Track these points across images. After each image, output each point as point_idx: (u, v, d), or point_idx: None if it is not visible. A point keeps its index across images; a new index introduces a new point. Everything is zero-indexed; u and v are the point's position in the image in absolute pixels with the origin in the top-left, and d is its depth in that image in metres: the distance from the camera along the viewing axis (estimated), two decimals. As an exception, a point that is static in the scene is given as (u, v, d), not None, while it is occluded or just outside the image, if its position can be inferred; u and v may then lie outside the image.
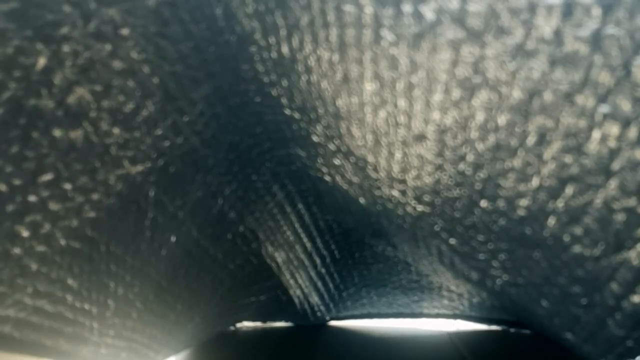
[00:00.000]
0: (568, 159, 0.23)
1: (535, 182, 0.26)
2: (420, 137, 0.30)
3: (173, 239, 0.40)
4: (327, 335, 0.73)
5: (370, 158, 0.36)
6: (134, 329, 0.43)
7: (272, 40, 0.31)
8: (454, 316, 0.70)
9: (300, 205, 0.53)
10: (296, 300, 0.68)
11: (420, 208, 0.38)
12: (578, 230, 0.26)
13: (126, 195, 0.32)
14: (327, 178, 0.45)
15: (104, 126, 0.28)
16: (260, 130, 0.41)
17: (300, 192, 0.51)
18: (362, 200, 0.45)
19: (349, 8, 0.24)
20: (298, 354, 0.67)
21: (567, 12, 0.19)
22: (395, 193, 0.38)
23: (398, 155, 0.33)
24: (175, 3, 0.27)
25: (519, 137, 0.24)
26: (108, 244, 0.33)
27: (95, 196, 0.30)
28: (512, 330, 0.67)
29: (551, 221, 0.27)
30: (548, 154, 0.24)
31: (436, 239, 0.41)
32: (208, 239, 0.45)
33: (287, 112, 0.38)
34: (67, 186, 0.28)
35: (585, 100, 0.21)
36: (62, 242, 0.30)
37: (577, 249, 0.27)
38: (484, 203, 0.31)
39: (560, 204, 0.26)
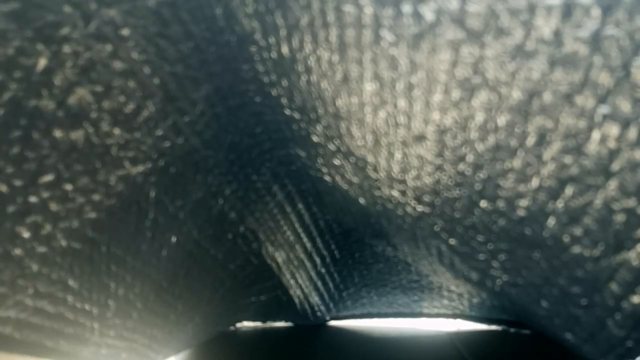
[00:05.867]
0: (568, 159, 0.23)
1: (535, 182, 0.26)
2: (420, 138, 0.30)
3: (174, 239, 0.40)
4: (327, 335, 0.73)
5: (370, 158, 0.36)
6: (135, 329, 0.43)
7: (272, 40, 0.31)
8: (454, 316, 0.70)
9: (300, 205, 0.53)
10: (296, 300, 0.68)
11: (420, 208, 0.38)
12: (578, 231, 0.26)
13: (127, 196, 0.32)
14: (327, 178, 0.45)
15: (104, 127, 0.28)
16: (260, 130, 0.41)
17: (300, 192, 0.51)
18: (362, 200, 0.45)
19: (348, 8, 0.24)
20: (298, 354, 0.67)
21: (567, 12, 0.19)
22: (395, 193, 0.38)
23: (398, 155, 0.33)
24: (175, 3, 0.27)
25: (519, 138, 0.25)
26: (109, 244, 0.34)
27: (96, 197, 0.30)
28: (512, 330, 0.67)
29: (551, 222, 0.27)
30: (548, 154, 0.24)
31: (436, 240, 0.41)
32: (208, 240, 0.45)
33: (287, 112, 0.38)
34: (68, 187, 0.28)
35: (584, 101, 0.21)
36: (63, 242, 0.30)
37: (576, 249, 0.27)
38: (483, 203, 0.31)
39: (560, 204, 0.26)
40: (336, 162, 0.41)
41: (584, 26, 0.19)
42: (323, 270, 0.64)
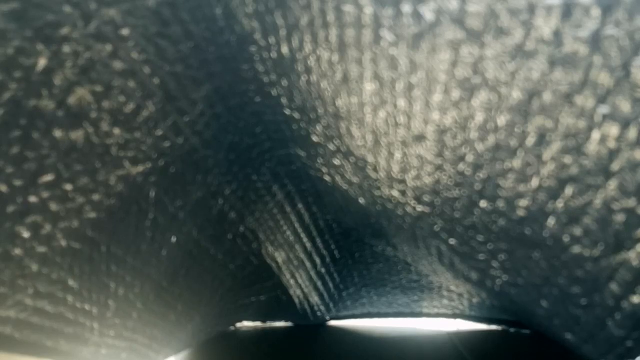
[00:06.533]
0: (568, 159, 0.23)
1: (534, 182, 0.26)
2: (420, 138, 0.30)
3: (174, 239, 0.40)
4: (327, 335, 0.73)
5: (370, 158, 0.36)
6: (135, 329, 0.43)
7: (272, 40, 0.31)
8: (454, 316, 0.70)
9: (300, 205, 0.53)
10: (296, 300, 0.68)
11: (420, 208, 0.38)
12: (578, 231, 0.26)
13: (127, 196, 0.32)
14: (327, 178, 0.45)
15: (104, 127, 0.28)
16: (260, 130, 0.41)
17: (300, 192, 0.51)
18: (362, 200, 0.45)
19: (348, 8, 0.24)
20: (298, 354, 0.67)
21: (567, 12, 0.19)
22: (395, 193, 0.38)
23: (398, 155, 0.33)
24: (175, 3, 0.27)
25: (519, 138, 0.25)
26: (109, 244, 0.34)
27: (96, 197, 0.30)
28: (512, 330, 0.67)
29: (551, 222, 0.27)
30: (548, 154, 0.24)
31: (436, 240, 0.41)
32: (208, 240, 0.45)
33: (287, 112, 0.38)
34: (68, 187, 0.28)
35: (584, 101, 0.21)
36: (63, 243, 0.30)
37: (576, 249, 0.27)
38: (483, 203, 0.31)
39: (559, 204, 0.26)
40: (336, 162, 0.41)
41: (584, 26, 0.19)
42: (323, 270, 0.64)
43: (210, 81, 0.33)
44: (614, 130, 0.21)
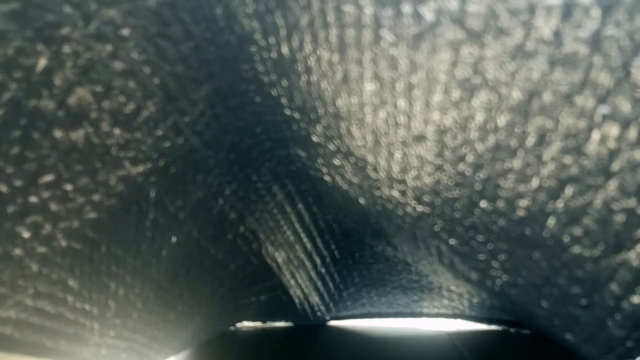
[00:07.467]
0: (568, 159, 0.23)
1: (534, 182, 0.26)
2: (420, 138, 0.30)
3: (174, 239, 0.40)
4: (327, 335, 0.73)
5: (370, 158, 0.36)
6: (135, 329, 0.43)
7: (272, 40, 0.31)
8: (454, 316, 0.70)
9: (300, 205, 0.53)
10: (296, 300, 0.68)
11: (420, 208, 0.38)
12: (578, 231, 0.26)
13: (127, 196, 0.32)
14: (327, 178, 0.45)
15: (104, 127, 0.28)
16: (260, 130, 0.41)
17: (300, 192, 0.51)
18: (362, 200, 0.45)
19: (348, 8, 0.24)
20: (298, 354, 0.67)
21: (567, 12, 0.19)
22: (395, 193, 0.38)
23: (398, 155, 0.33)
24: (175, 3, 0.27)
25: (519, 138, 0.25)
26: (109, 244, 0.34)
27: (96, 197, 0.30)
28: (512, 330, 0.67)
29: (551, 222, 0.27)
30: (548, 154, 0.24)
31: (436, 240, 0.41)
32: (209, 240, 0.45)
33: (287, 112, 0.38)
34: (68, 187, 0.28)
35: (584, 101, 0.21)
36: (63, 243, 0.30)
37: (576, 249, 0.27)
38: (483, 203, 0.31)
39: (559, 204, 0.26)
40: (336, 162, 0.41)
41: (584, 26, 0.19)
42: (323, 270, 0.64)
43: (210, 81, 0.33)
44: (614, 130, 0.21)
